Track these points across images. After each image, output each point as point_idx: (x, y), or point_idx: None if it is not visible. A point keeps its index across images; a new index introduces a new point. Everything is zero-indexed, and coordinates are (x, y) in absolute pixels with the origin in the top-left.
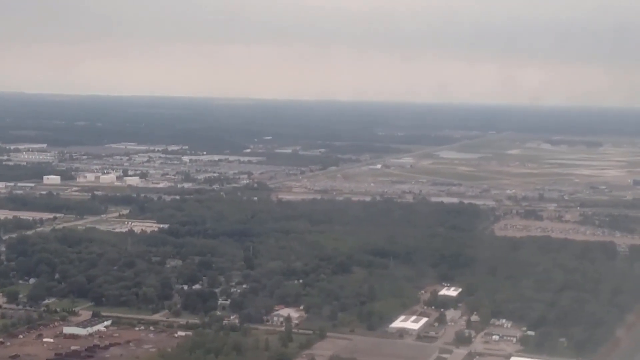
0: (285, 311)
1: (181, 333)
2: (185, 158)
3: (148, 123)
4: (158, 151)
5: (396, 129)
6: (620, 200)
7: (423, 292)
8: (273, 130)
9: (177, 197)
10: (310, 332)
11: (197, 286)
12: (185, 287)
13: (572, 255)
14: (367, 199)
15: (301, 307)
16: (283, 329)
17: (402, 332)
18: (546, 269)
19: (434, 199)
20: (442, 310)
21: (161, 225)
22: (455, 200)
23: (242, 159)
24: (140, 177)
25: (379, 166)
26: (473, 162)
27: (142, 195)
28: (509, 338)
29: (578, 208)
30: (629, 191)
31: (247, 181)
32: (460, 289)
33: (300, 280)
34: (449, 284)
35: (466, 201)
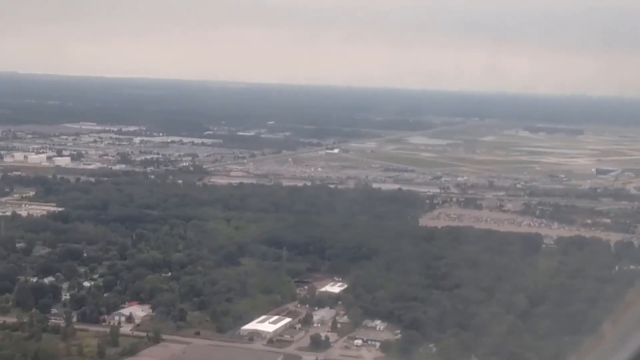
0: (132, 309)
1: None
2: (137, 139)
3: (122, 104)
4: (112, 131)
5: (376, 114)
6: (574, 189)
7: (306, 287)
8: (246, 113)
9: (94, 178)
10: (144, 334)
11: (50, 278)
12: (35, 279)
13: (488, 248)
14: (301, 184)
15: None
16: (121, 330)
17: (254, 335)
18: (450, 263)
19: (375, 185)
20: (316, 308)
21: (58, 209)
22: (397, 186)
23: (196, 140)
24: (75, 158)
25: (336, 150)
26: (440, 148)
27: (60, 176)
28: (373, 343)
29: (526, 197)
30: (589, 180)
31: (186, 163)
32: (346, 285)
33: (169, 274)
34: (340, 279)
35: (410, 188)
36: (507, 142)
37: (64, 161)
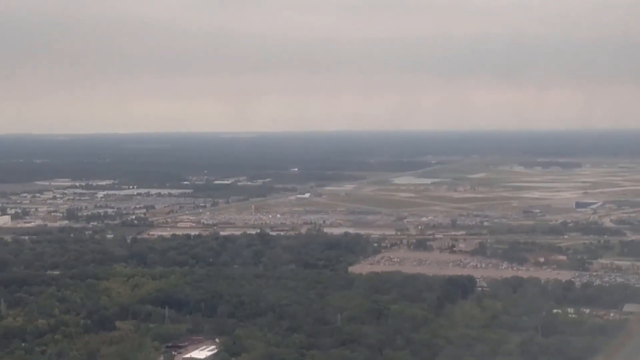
0: None
1: None
2: (101, 193)
3: (112, 158)
4: (80, 186)
5: (372, 156)
6: (543, 225)
7: (175, 353)
8: (235, 162)
9: (12, 237)
10: None
11: None
12: None
13: (404, 295)
14: (242, 233)
15: None
16: None
17: None
18: (349, 317)
19: (327, 230)
20: None
21: None
22: (350, 230)
23: (164, 192)
24: (18, 217)
25: (307, 195)
26: (421, 187)
27: None
28: None
29: (486, 235)
30: (564, 214)
31: (133, 217)
32: (217, 349)
33: (22, 345)
34: (221, 340)
35: (364, 231)
36: (496, 178)
37: (1, 220)
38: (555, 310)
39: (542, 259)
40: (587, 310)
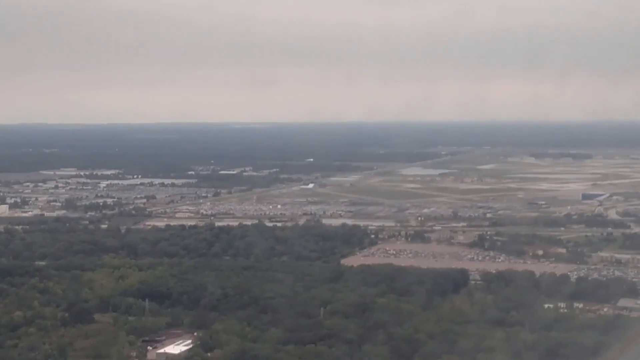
0: None
1: None
2: (104, 183)
3: (121, 149)
4: (84, 176)
5: (382, 147)
6: (547, 217)
7: (150, 348)
8: (243, 152)
9: (4, 227)
10: None
11: None
12: None
13: (393, 288)
14: (239, 223)
15: None
16: None
17: None
18: (333, 310)
19: (326, 221)
20: None
21: None
22: (349, 222)
23: (167, 181)
24: (17, 206)
25: (311, 185)
26: (428, 178)
27: None
28: None
29: (487, 227)
30: (570, 206)
31: (131, 207)
32: (193, 344)
33: None
34: (200, 334)
35: (363, 222)
36: (505, 169)
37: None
38: (546, 305)
39: (540, 252)
40: (580, 305)
